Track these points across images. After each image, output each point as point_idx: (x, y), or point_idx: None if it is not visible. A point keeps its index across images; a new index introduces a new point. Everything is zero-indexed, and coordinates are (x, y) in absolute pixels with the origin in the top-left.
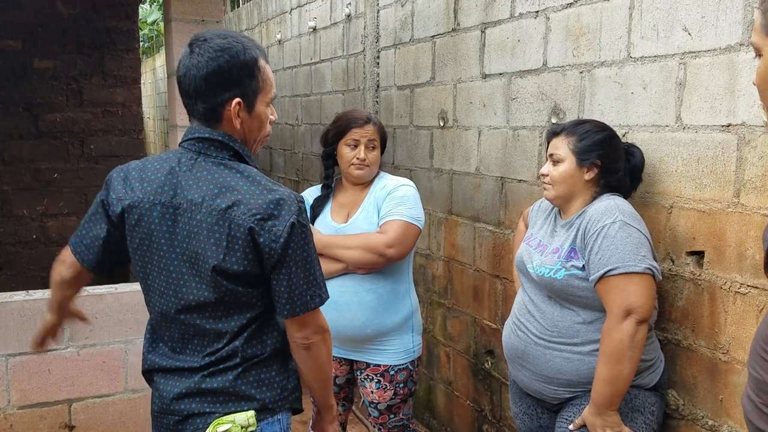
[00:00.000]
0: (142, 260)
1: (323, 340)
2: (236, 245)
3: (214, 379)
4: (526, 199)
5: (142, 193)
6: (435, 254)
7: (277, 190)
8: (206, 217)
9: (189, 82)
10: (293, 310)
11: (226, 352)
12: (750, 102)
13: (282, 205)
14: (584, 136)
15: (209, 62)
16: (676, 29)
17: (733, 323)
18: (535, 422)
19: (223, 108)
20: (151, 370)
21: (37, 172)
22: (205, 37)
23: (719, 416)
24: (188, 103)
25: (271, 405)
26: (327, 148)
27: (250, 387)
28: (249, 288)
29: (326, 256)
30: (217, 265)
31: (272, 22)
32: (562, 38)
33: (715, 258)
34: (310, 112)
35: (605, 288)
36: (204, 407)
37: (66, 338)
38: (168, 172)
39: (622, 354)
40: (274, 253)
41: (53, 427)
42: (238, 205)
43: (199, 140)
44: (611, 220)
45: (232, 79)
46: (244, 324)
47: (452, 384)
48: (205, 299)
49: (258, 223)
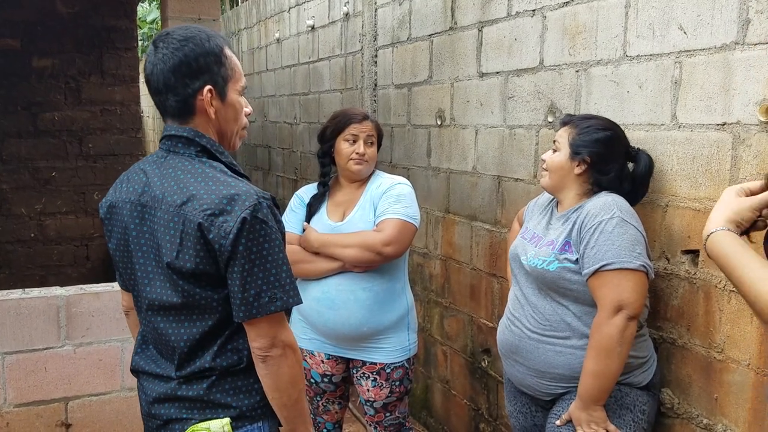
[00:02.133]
0: (122, 260)
1: (284, 356)
2: (188, 242)
3: (189, 387)
4: (522, 197)
5: (120, 192)
6: (432, 253)
7: (235, 185)
8: (164, 214)
9: (157, 77)
10: (249, 311)
11: (198, 365)
12: (745, 101)
13: (236, 201)
14: (584, 131)
15: (174, 53)
16: (671, 28)
17: (727, 322)
18: (529, 420)
19: (194, 98)
20: (135, 371)
21: (35, 170)
22: (168, 32)
23: (714, 415)
24: (159, 101)
25: (249, 413)
26: (324, 145)
27: (225, 395)
28: (208, 291)
29: (323, 255)
30: (170, 263)
31: (271, 21)
32: (559, 37)
33: None
34: (308, 110)
35: (598, 282)
36: (181, 413)
37: (62, 336)
38: (141, 171)
39: (611, 349)
40: (224, 250)
41: (50, 426)
42: (191, 201)
43: (169, 138)
44: (609, 216)
45: (199, 68)
46: (208, 331)
47: (449, 383)
48: (167, 299)
49: (207, 219)
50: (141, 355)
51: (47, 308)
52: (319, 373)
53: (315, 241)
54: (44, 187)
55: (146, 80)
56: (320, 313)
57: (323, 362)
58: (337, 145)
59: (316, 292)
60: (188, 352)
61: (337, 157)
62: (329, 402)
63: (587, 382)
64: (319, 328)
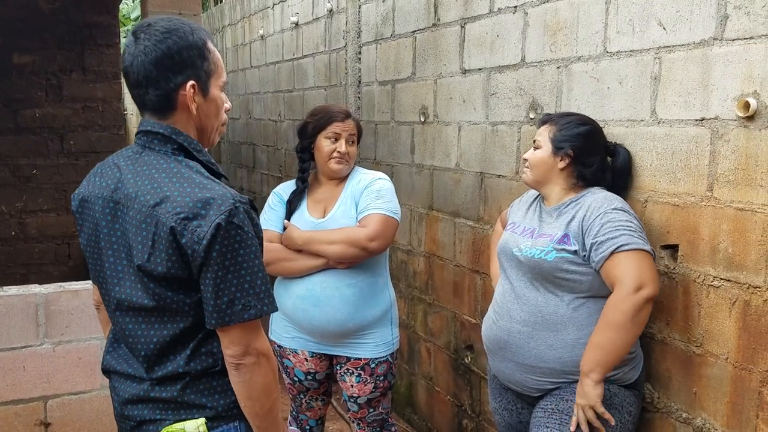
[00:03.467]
0: (92, 256)
1: (257, 364)
2: (160, 245)
3: (162, 388)
4: (505, 194)
5: (93, 186)
6: (416, 250)
7: (211, 188)
8: (137, 214)
9: (137, 69)
10: (221, 318)
11: (171, 369)
12: (723, 96)
13: (211, 205)
14: (564, 126)
15: (157, 45)
16: (651, 24)
17: (706, 316)
18: (515, 417)
19: (176, 93)
20: (107, 370)
21: (16, 168)
22: (149, 23)
23: (693, 409)
24: (138, 94)
25: (224, 413)
26: (304, 141)
27: (200, 396)
28: (180, 294)
29: (306, 252)
30: (141, 265)
31: (255, 18)
32: (540, 33)
33: (689, 252)
34: (292, 107)
35: (614, 264)
36: (155, 414)
37: (41, 335)
38: (115, 165)
39: (621, 324)
40: (197, 256)
41: (28, 425)
42: (165, 202)
43: (145, 133)
44: (613, 207)
45: (183, 61)
46: (179, 335)
47: (433, 379)
48: (137, 301)
49: (181, 223)
50: (113, 354)
51: (26, 306)
52: (303, 372)
53: (298, 239)
54: (25, 185)
55: (124, 72)
56: (305, 310)
57: (307, 360)
58: (317, 142)
59: (299, 290)
60: (158, 354)
61: (317, 154)
62: (312, 399)
63: (588, 353)
64: (304, 326)
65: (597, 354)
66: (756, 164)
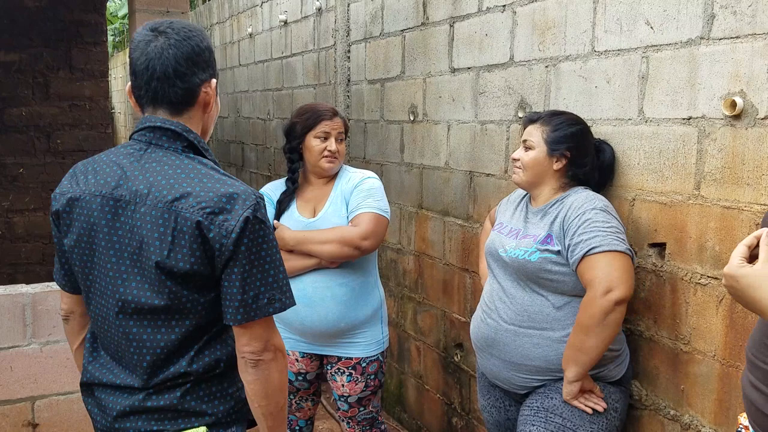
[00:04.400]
0: (81, 258)
1: (275, 360)
2: (182, 240)
3: (160, 397)
4: (494, 193)
5: (85, 185)
6: (406, 249)
7: (232, 184)
8: (151, 210)
9: (167, 62)
10: (247, 314)
11: (172, 372)
12: (710, 95)
13: (236, 200)
14: (557, 127)
15: (186, 41)
16: (638, 23)
17: (693, 314)
18: (502, 415)
19: (199, 89)
20: (90, 383)
21: (2, 167)
22: (170, 21)
23: (681, 406)
24: (159, 87)
25: (224, 419)
26: (293, 142)
27: (200, 402)
28: (196, 293)
29: (297, 252)
30: (160, 262)
31: (243, 16)
32: (529, 32)
33: (677, 250)
34: (281, 106)
35: (588, 266)
36: (151, 425)
37: (28, 335)
38: (114, 163)
39: (589, 327)
40: (225, 250)
41: (16, 425)
42: (186, 198)
43: (151, 129)
44: (592, 207)
45: (206, 60)
46: (187, 336)
47: (423, 378)
48: (145, 301)
49: (207, 217)
50: (94, 364)
51: (12, 306)
52: (293, 372)
53: (290, 240)
54: (12, 184)
55: (146, 65)
56: (296, 311)
57: (297, 361)
58: (307, 142)
59: None
60: (164, 358)
61: (307, 153)
62: (302, 399)
63: (564, 352)
64: (295, 326)
65: (570, 353)
66: (742, 163)
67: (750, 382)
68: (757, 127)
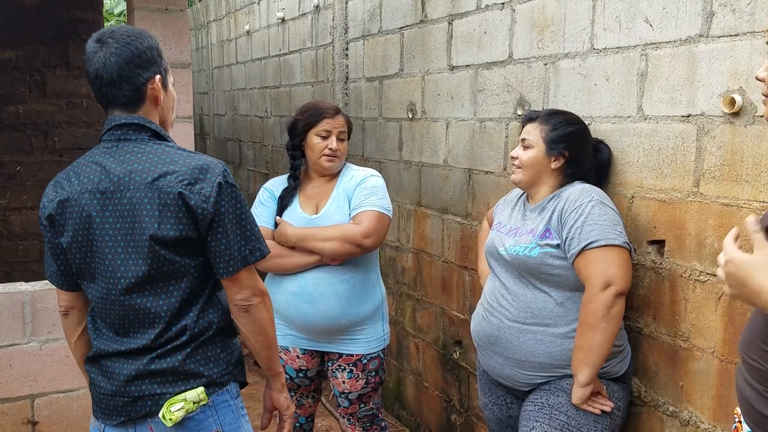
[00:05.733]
0: (81, 251)
1: (263, 302)
2: (168, 212)
3: (163, 360)
4: (493, 190)
5: (71, 187)
6: (404, 246)
7: (200, 158)
8: (135, 193)
9: (111, 68)
10: (235, 265)
11: (174, 332)
12: (709, 93)
13: (207, 170)
14: (556, 126)
15: (127, 47)
16: (637, 20)
17: (693, 311)
18: (504, 412)
19: (146, 87)
20: (97, 355)
21: None
22: (112, 30)
23: (680, 402)
24: (109, 92)
25: (218, 379)
26: (295, 139)
27: (198, 365)
28: (187, 258)
29: (299, 249)
30: (154, 234)
31: (240, 13)
32: (528, 30)
33: (676, 247)
34: (279, 104)
35: (585, 261)
36: (155, 389)
37: (28, 333)
38: (92, 163)
39: (594, 324)
40: (207, 213)
41: (15, 423)
42: (164, 176)
43: (117, 127)
44: (588, 200)
45: (148, 59)
46: (185, 299)
47: (422, 375)
48: (143, 274)
49: (186, 188)
50: (99, 339)
51: (12, 304)
52: (294, 369)
53: (293, 236)
54: (9, 182)
55: (94, 74)
56: (297, 307)
57: (298, 357)
58: (308, 139)
59: (292, 287)
60: (168, 321)
61: (308, 151)
62: (303, 396)
63: (573, 356)
64: (296, 323)
65: (580, 355)
66: (741, 160)
67: (743, 378)
68: (756, 125)
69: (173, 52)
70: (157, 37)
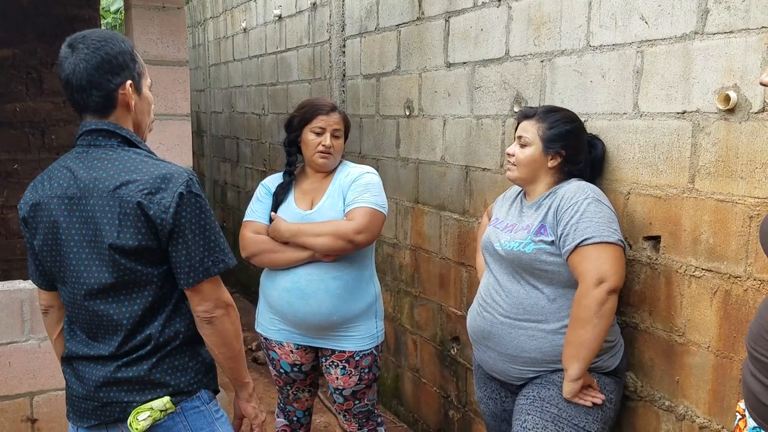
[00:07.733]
0: (51, 254)
1: (227, 314)
2: (128, 221)
3: (129, 369)
4: (490, 187)
5: (43, 191)
6: (402, 243)
7: (165, 166)
8: (98, 200)
9: (80, 75)
10: (196, 276)
11: (139, 341)
12: (704, 89)
13: (169, 179)
14: (553, 124)
15: (96, 52)
16: (633, 18)
17: (688, 306)
18: (499, 406)
19: (116, 93)
20: (70, 357)
21: None
22: (84, 35)
23: (676, 397)
24: (80, 98)
25: (186, 388)
26: (291, 135)
27: (164, 375)
28: (149, 267)
29: (292, 244)
30: (113, 243)
31: (237, 10)
32: (524, 27)
33: (671, 243)
34: (276, 101)
35: (579, 258)
36: (122, 396)
37: (26, 330)
38: (64, 168)
39: (586, 319)
40: (166, 224)
41: (15, 421)
42: (126, 185)
43: (88, 133)
44: (584, 197)
45: (119, 65)
46: (149, 308)
47: (419, 371)
48: (106, 281)
49: (146, 197)
50: (72, 341)
51: (10, 302)
52: (289, 363)
53: (286, 232)
54: (6, 180)
55: (65, 80)
56: (290, 303)
57: (292, 352)
58: (303, 136)
59: (285, 283)
60: (131, 329)
61: (303, 147)
62: (299, 390)
63: (564, 351)
64: (289, 318)
65: (571, 350)
66: (736, 156)
67: (750, 372)
68: (751, 121)
69: (170, 49)
70: (154, 35)
